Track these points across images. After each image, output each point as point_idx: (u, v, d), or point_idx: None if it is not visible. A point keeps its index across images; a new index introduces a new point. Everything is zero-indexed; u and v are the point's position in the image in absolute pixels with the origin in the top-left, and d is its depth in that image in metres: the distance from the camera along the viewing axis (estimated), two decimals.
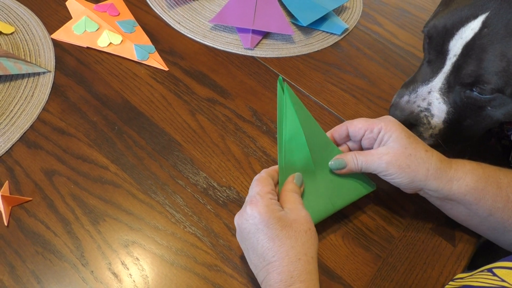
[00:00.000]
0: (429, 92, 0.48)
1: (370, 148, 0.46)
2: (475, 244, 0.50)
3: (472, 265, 0.62)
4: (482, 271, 0.39)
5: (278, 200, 0.42)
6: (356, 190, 0.47)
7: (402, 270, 0.46)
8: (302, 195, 0.44)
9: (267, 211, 0.38)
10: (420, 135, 0.50)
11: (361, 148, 0.48)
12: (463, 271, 0.47)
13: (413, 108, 0.49)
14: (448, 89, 0.47)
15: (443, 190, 0.43)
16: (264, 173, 0.43)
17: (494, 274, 0.37)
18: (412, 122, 0.49)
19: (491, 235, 0.47)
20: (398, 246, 0.48)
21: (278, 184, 0.44)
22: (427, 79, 0.49)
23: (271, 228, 0.37)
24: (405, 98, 0.50)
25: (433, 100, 0.48)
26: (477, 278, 0.39)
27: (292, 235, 0.38)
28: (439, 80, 0.48)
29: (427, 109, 0.49)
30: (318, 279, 0.38)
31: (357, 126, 0.45)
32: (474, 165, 0.44)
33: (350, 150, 0.48)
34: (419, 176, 0.42)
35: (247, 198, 0.41)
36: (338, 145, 0.48)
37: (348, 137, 0.47)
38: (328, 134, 0.48)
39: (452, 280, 0.44)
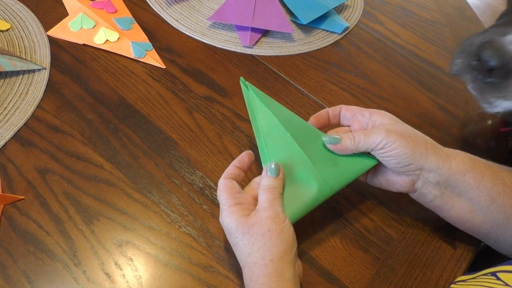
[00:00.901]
0: None
1: None
2: (476, 247, 0.49)
3: (472, 268, 0.61)
4: (485, 274, 0.38)
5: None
6: (355, 168, 0.44)
7: (401, 273, 0.45)
8: (291, 182, 0.42)
9: (228, 221, 0.39)
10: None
11: None
12: (463, 274, 0.47)
13: None
14: None
15: (444, 168, 0.41)
16: (221, 180, 0.41)
17: (498, 278, 0.36)
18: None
19: (493, 234, 0.44)
20: (397, 248, 0.47)
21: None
22: None
23: (233, 236, 0.38)
24: (509, 37, 0.37)
25: None
26: (480, 281, 0.38)
27: (249, 242, 0.37)
28: None
29: None
30: (289, 280, 0.36)
31: (351, 108, 0.46)
32: (463, 152, 0.44)
33: None
34: (419, 148, 0.41)
35: None
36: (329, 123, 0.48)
37: (338, 116, 0.47)
38: (323, 110, 0.48)
39: (454, 283, 0.43)
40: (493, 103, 0.40)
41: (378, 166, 0.46)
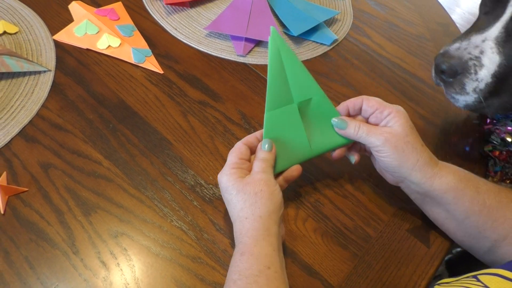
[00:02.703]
0: (483, 41, 0.45)
1: None
2: (449, 246, 0.52)
3: (454, 273, 0.65)
4: (467, 277, 0.41)
5: None
6: (335, 140, 0.50)
7: (377, 268, 0.49)
8: (281, 138, 0.48)
9: (226, 180, 0.43)
10: (462, 87, 0.46)
11: None
12: (436, 271, 0.50)
13: (463, 55, 0.45)
14: (505, 38, 0.44)
15: (425, 185, 0.46)
16: (239, 143, 0.47)
17: (478, 280, 0.38)
18: (458, 70, 0.46)
19: (467, 242, 0.49)
20: (375, 246, 0.50)
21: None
22: (483, 28, 0.45)
23: (228, 193, 0.43)
24: (456, 45, 0.47)
25: (486, 49, 0.44)
26: (462, 283, 0.40)
27: (242, 198, 0.42)
28: (495, 29, 0.44)
29: (478, 58, 0.45)
30: (274, 235, 0.41)
31: (371, 103, 0.48)
32: (457, 168, 0.47)
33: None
34: (408, 164, 0.45)
35: None
36: (349, 116, 0.50)
37: (360, 110, 0.50)
38: (344, 104, 0.50)
39: (438, 284, 0.46)
40: (455, 98, 0.47)
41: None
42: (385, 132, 0.46)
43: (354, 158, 0.51)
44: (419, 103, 0.67)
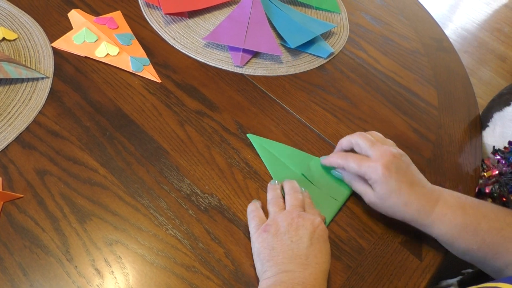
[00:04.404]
0: None
1: None
2: (441, 260, 0.53)
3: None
4: None
5: None
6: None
7: (370, 280, 0.49)
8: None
9: (326, 233, 0.47)
10: None
11: None
12: (427, 284, 0.50)
13: None
14: None
15: (419, 228, 0.50)
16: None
17: None
18: None
19: (468, 261, 0.50)
20: (368, 258, 0.51)
21: None
22: None
23: (323, 244, 0.46)
24: None
25: None
26: None
27: (323, 245, 0.46)
28: None
29: None
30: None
31: (357, 147, 0.53)
32: (456, 211, 0.48)
33: None
34: (403, 219, 0.51)
35: (292, 211, 0.48)
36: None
37: (351, 147, 0.55)
38: (338, 145, 0.56)
39: None
40: None
41: None
42: (368, 192, 0.51)
43: None
44: (413, 117, 0.68)
